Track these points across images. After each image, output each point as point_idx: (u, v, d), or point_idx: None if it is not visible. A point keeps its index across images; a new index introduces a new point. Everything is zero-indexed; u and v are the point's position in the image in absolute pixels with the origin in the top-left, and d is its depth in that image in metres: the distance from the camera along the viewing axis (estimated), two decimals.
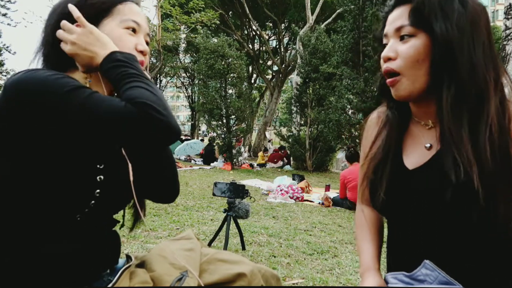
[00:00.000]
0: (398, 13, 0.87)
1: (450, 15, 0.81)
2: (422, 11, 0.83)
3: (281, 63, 19.64)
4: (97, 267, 0.92)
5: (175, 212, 4.46)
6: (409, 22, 0.84)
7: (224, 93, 11.48)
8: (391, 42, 0.88)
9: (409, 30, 0.84)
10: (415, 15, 0.84)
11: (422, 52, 0.83)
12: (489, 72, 0.82)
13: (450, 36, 0.81)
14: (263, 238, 3.63)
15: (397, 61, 0.86)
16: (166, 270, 0.93)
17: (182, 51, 23.77)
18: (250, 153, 17.51)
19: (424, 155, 0.91)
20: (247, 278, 0.94)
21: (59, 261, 0.83)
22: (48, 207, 0.82)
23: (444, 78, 0.83)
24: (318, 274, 2.74)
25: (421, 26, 0.83)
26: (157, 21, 15.35)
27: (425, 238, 0.89)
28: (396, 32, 0.87)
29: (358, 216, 1.12)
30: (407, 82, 0.86)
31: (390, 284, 0.94)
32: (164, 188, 1.03)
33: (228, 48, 11.30)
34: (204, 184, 7.25)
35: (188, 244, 1.08)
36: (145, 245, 3.07)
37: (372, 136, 1.02)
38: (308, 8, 14.76)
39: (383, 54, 0.89)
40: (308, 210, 5.41)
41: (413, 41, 0.84)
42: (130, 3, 0.94)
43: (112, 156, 0.90)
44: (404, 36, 0.85)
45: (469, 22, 0.82)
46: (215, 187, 3.33)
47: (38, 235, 0.82)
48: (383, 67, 0.90)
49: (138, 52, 0.92)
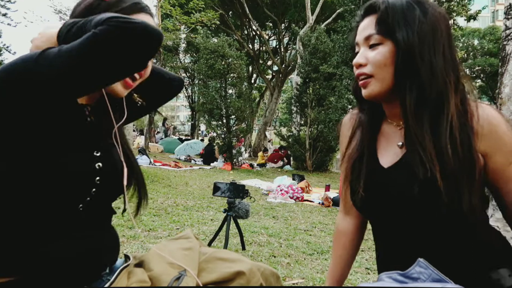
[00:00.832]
0: (367, 23, 0.94)
1: (411, 23, 0.88)
2: (387, 21, 0.90)
3: (281, 63, 19.64)
4: (97, 267, 0.92)
5: (175, 212, 4.46)
6: (375, 31, 0.91)
7: (224, 93, 11.47)
8: (362, 50, 0.95)
9: (377, 38, 0.91)
10: (380, 25, 0.91)
11: (388, 57, 0.90)
12: (449, 76, 0.89)
13: (411, 44, 0.87)
14: (263, 238, 3.62)
15: (368, 66, 0.93)
16: (164, 270, 0.93)
17: (182, 51, 23.77)
18: (250, 153, 17.50)
19: (397, 154, 0.98)
20: (246, 276, 0.94)
21: (61, 261, 0.82)
22: (50, 200, 0.81)
23: (406, 82, 0.89)
24: (318, 274, 2.74)
25: (387, 35, 0.90)
26: (157, 21, 15.36)
27: (404, 235, 0.95)
28: (366, 41, 0.94)
29: (337, 225, 1.19)
30: (376, 83, 0.93)
31: (385, 284, 0.95)
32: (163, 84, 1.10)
33: (228, 48, 11.29)
34: (204, 184, 7.24)
35: (187, 243, 1.07)
36: (145, 245, 3.07)
37: (347, 138, 1.08)
38: (308, 8, 14.75)
39: (355, 61, 0.96)
40: (308, 210, 5.40)
41: (380, 48, 0.91)
42: (143, 14, 0.94)
43: (107, 143, 0.92)
44: (373, 44, 0.92)
45: (430, 29, 0.88)
46: (215, 187, 3.33)
47: (41, 231, 0.81)
48: (355, 73, 0.97)
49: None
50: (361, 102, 1.04)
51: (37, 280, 0.80)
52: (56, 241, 0.83)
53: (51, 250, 0.81)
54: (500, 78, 3.18)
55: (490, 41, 31.28)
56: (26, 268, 0.79)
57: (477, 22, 17.49)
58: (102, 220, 0.96)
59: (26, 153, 0.79)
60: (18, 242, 0.80)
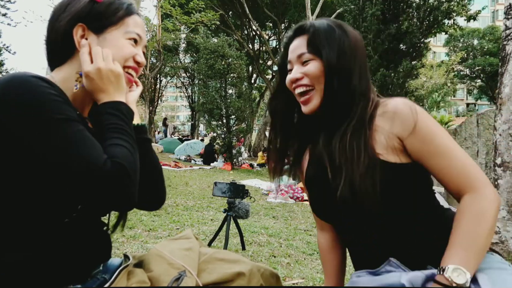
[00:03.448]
0: (298, 43, 1.05)
1: (333, 44, 1.01)
2: (315, 42, 1.02)
3: None
4: (87, 265, 0.91)
5: (175, 212, 4.45)
6: (307, 50, 1.03)
7: (224, 93, 11.47)
8: (296, 67, 1.05)
9: (308, 56, 1.03)
10: (310, 45, 1.03)
11: (319, 71, 1.01)
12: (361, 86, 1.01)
13: (332, 60, 1.00)
14: (263, 238, 3.62)
15: (305, 79, 1.03)
16: (164, 270, 0.92)
17: (182, 51, 23.78)
18: (250, 153, 17.50)
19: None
20: (246, 277, 0.94)
21: (47, 262, 0.81)
22: (35, 212, 0.81)
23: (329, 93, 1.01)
24: (318, 274, 2.74)
25: (316, 53, 1.02)
26: (157, 21, 15.36)
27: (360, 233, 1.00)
28: (298, 59, 1.04)
29: (318, 243, 1.23)
30: (317, 95, 1.03)
31: (356, 284, 0.99)
32: (146, 194, 0.97)
33: (228, 48, 11.30)
34: (204, 184, 7.24)
35: (187, 243, 1.07)
36: (145, 245, 3.07)
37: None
38: (308, 8, 14.75)
39: (291, 77, 1.05)
40: (308, 210, 5.40)
41: (312, 63, 1.02)
42: (135, 15, 0.98)
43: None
44: (305, 61, 1.03)
45: (349, 47, 1.02)
46: (215, 187, 3.32)
47: (26, 238, 0.80)
48: (294, 91, 1.06)
49: (135, 63, 0.98)
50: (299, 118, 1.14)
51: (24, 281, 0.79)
52: (44, 244, 0.82)
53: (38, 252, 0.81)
54: (500, 78, 3.18)
55: (490, 41, 31.29)
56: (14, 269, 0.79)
57: (477, 22, 17.47)
58: (90, 230, 0.94)
59: (14, 168, 0.78)
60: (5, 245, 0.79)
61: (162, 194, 1.03)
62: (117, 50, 0.93)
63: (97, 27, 0.93)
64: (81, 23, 0.91)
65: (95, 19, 0.92)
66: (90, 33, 0.92)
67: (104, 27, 0.93)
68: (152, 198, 1.02)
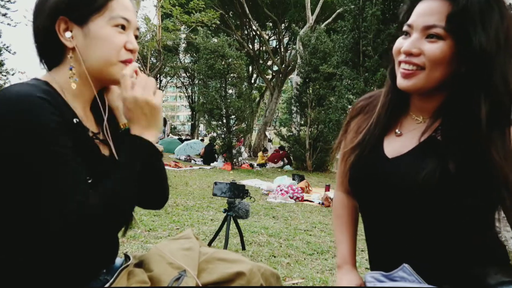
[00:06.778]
0: (432, 8, 0.82)
1: (488, 27, 0.78)
2: (461, 18, 0.78)
3: (281, 63, 19.62)
4: (95, 267, 0.91)
5: (175, 212, 4.45)
6: (444, 26, 0.80)
7: (224, 93, 11.47)
8: (415, 37, 0.84)
9: (440, 32, 0.81)
10: (452, 22, 0.79)
11: (447, 56, 0.81)
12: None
13: (487, 50, 0.78)
14: (263, 238, 3.62)
15: (421, 57, 0.83)
16: (164, 270, 0.92)
17: (182, 51, 23.78)
18: (250, 153, 17.49)
19: (404, 145, 0.93)
20: (246, 277, 0.94)
21: (57, 263, 0.81)
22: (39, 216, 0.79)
23: (473, 89, 0.81)
24: (318, 274, 2.74)
25: (455, 33, 0.80)
26: (157, 21, 15.35)
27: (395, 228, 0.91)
28: (424, 29, 0.83)
29: (336, 204, 1.15)
30: (424, 78, 0.84)
31: (368, 283, 0.97)
32: (151, 194, 0.98)
33: (228, 48, 11.29)
34: (204, 184, 7.24)
35: (187, 243, 1.07)
36: (145, 245, 3.07)
37: (357, 124, 1.04)
38: (308, 8, 14.74)
39: (405, 48, 0.84)
40: (308, 210, 5.40)
41: (441, 44, 0.81)
42: None
43: (100, 170, 0.87)
44: (433, 35, 0.82)
45: (505, 35, 0.79)
46: (215, 187, 3.32)
47: (30, 240, 0.79)
48: (399, 59, 0.87)
49: (127, 51, 0.88)
50: (392, 87, 0.95)
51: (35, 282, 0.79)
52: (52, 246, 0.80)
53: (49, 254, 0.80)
54: None
55: None
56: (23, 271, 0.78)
57: None
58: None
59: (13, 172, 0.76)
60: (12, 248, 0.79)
61: (166, 192, 1.03)
62: (104, 43, 0.85)
63: (79, 17, 0.84)
64: (62, 16, 0.84)
65: (75, 8, 0.84)
66: (73, 25, 0.85)
67: (86, 16, 0.84)
68: (156, 197, 1.01)
